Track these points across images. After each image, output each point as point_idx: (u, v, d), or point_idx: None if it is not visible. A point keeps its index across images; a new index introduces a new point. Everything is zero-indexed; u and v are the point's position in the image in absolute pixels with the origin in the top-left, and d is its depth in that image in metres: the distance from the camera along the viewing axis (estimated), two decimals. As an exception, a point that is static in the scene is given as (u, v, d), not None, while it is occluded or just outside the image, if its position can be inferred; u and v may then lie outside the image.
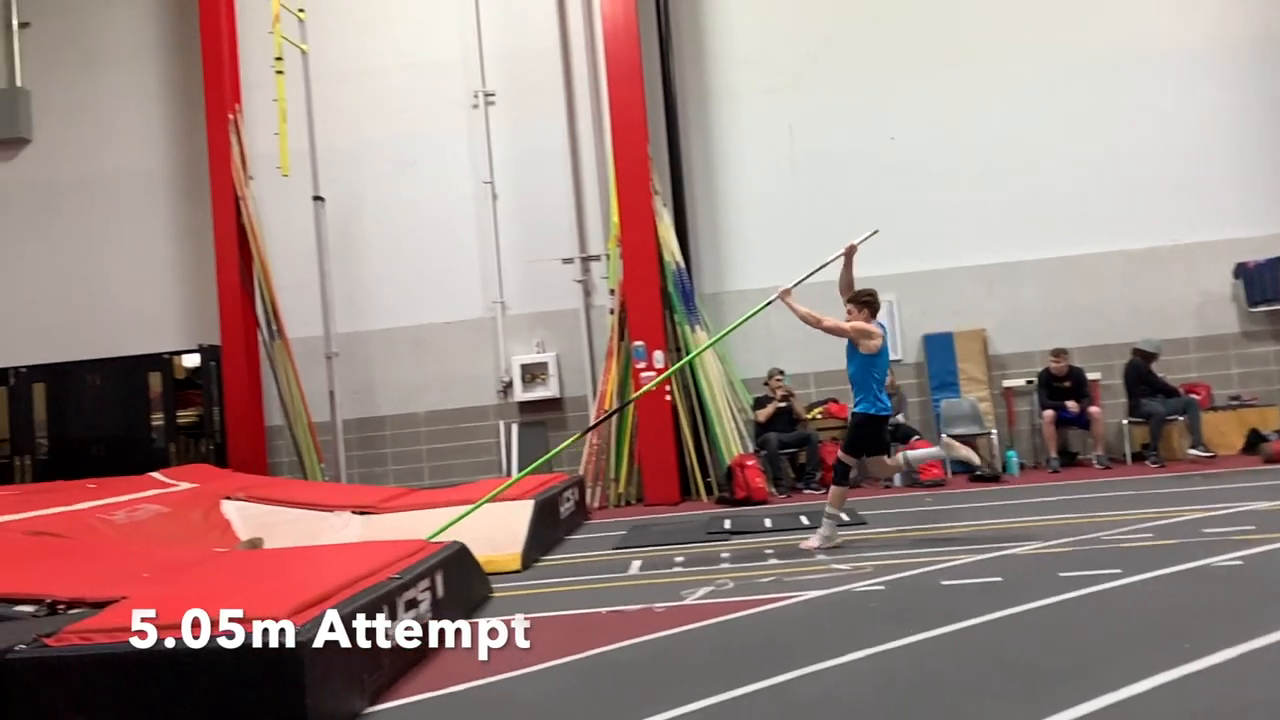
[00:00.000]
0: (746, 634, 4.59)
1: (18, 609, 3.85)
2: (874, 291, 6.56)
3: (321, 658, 3.53)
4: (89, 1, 11.48)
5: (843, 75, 10.54)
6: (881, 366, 6.35)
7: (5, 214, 11.45)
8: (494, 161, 10.90)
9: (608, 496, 9.81)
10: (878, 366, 6.32)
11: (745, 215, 10.61)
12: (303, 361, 10.47)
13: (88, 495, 6.69)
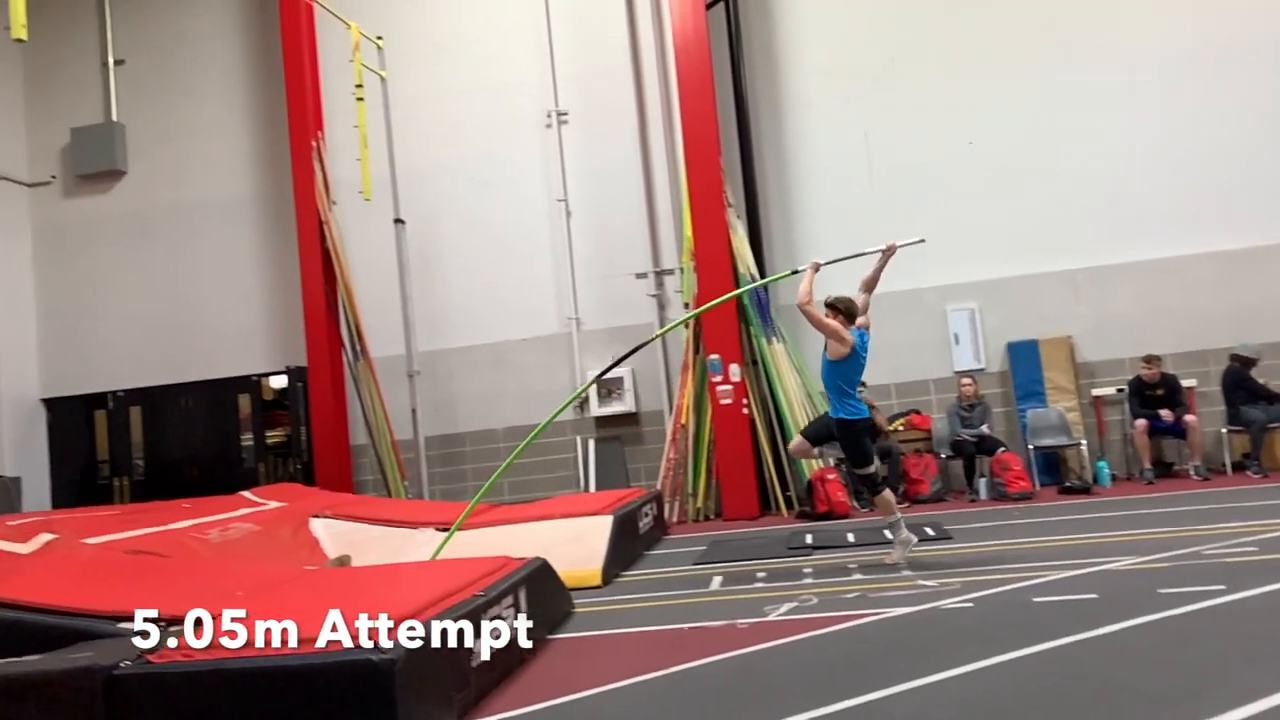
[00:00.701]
0: (832, 651, 4.52)
1: (121, 626, 3.98)
2: (852, 300, 6.47)
3: (412, 674, 3.58)
4: (178, 38, 11.93)
5: (919, 81, 10.39)
6: (847, 373, 6.30)
7: (104, 244, 11.94)
8: (567, 179, 11.00)
9: (686, 511, 9.78)
10: (842, 373, 6.28)
11: (821, 225, 10.51)
12: (385, 380, 10.68)
13: (183, 515, 6.91)
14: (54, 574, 4.78)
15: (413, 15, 11.31)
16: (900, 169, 10.36)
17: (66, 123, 12.00)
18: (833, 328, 6.18)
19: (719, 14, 10.53)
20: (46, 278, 12.03)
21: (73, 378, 11.78)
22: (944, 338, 10.21)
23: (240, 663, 3.52)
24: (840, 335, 6.18)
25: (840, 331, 6.19)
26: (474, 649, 4.26)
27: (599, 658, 4.90)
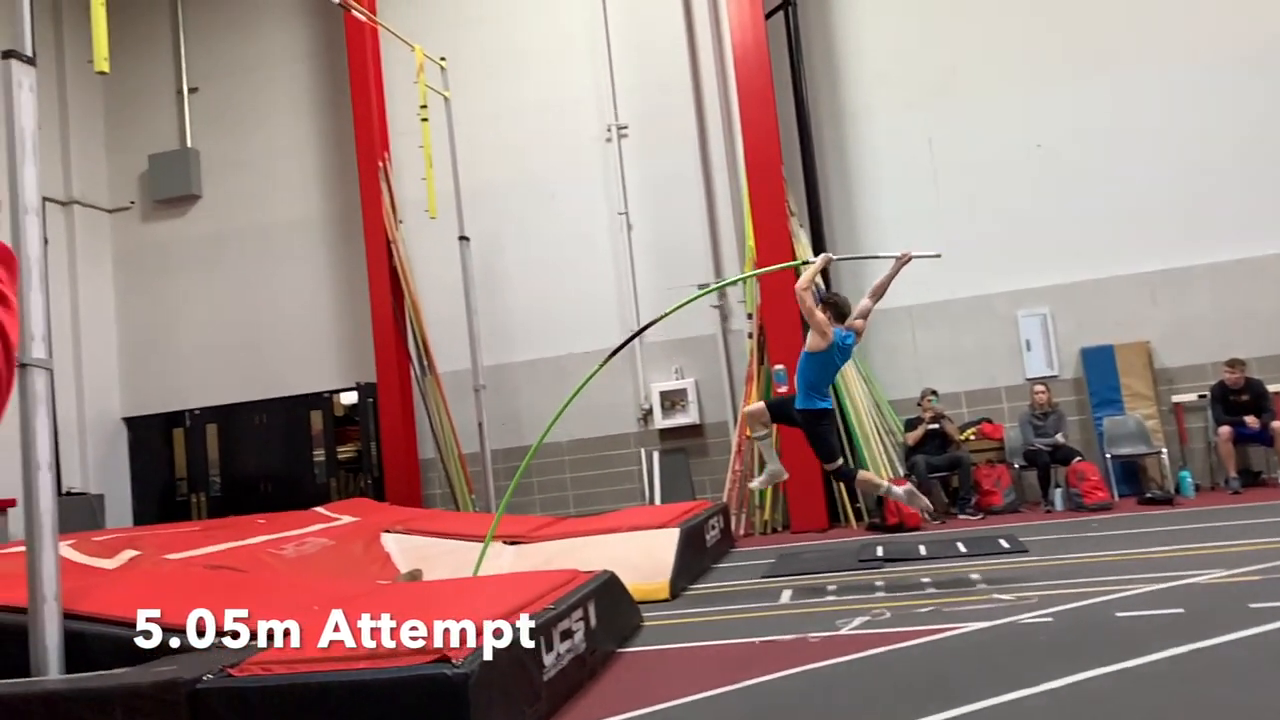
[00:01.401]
0: (907, 667, 4.43)
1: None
2: (846, 301, 6.51)
3: (485, 687, 3.61)
4: (249, 65, 12.26)
5: (983, 86, 10.23)
6: (818, 369, 6.32)
7: (180, 267, 12.30)
8: (628, 192, 11.04)
9: (752, 524, 9.70)
10: (814, 367, 6.30)
11: (885, 233, 10.38)
12: (452, 395, 10.81)
13: (259, 530, 7.06)
14: (138, 589, 4.90)
15: (475, 35, 11.47)
16: (966, 174, 10.19)
17: (144, 150, 12.39)
18: (820, 320, 6.19)
19: (778, 23, 10.49)
20: (126, 300, 12.43)
21: (152, 397, 12.13)
22: (1015, 344, 10.00)
23: (318, 676, 3.58)
24: (823, 330, 6.19)
25: (824, 323, 6.19)
26: (545, 663, 4.28)
27: (670, 672, 4.87)
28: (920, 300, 10.20)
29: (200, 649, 4.06)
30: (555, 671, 4.35)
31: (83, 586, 4.67)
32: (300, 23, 12.16)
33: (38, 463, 4.18)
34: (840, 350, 6.33)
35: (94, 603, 4.46)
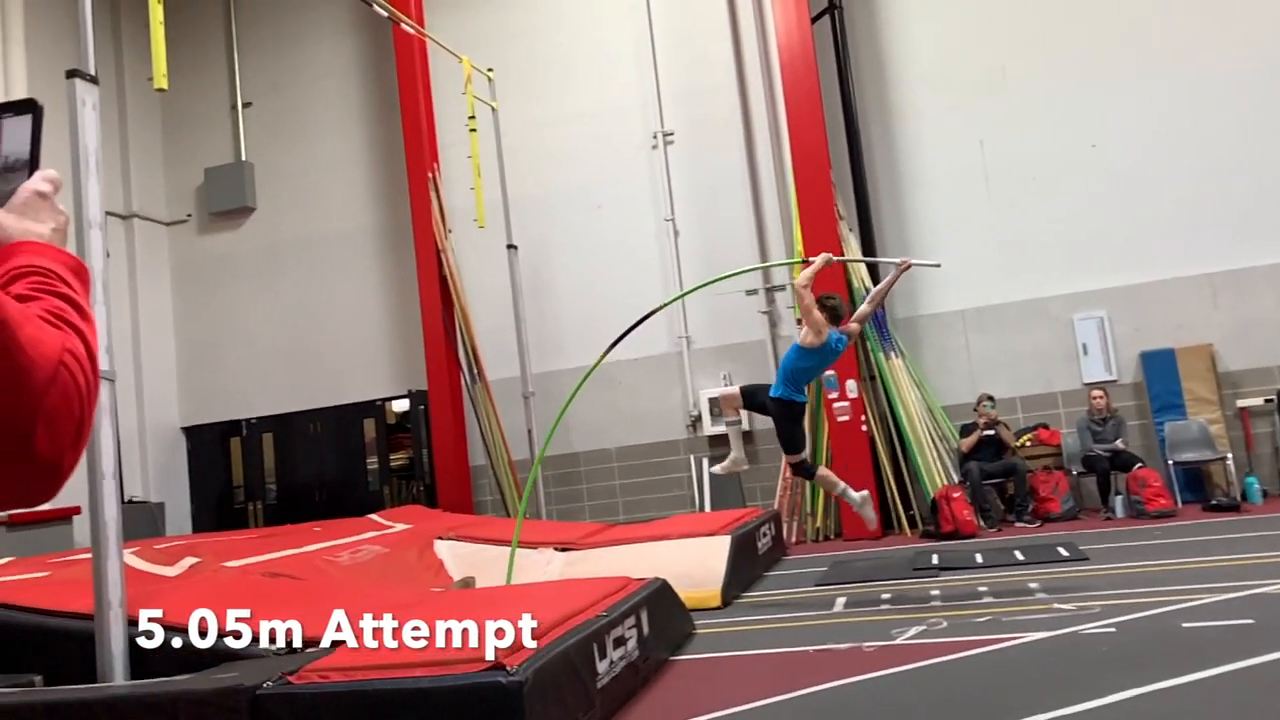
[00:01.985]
0: (966, 678, 4.36)
1: (262, 647, 4.13)
2: (841, 303, 6.60)
3: (539, 695, 3.62)
4: (301, 79, 12.47)
5: (1035, 85, 10.06)
6: (804, 365, 6.40)
7: (236, 278, 12.52)
8: (674, 198, 11.03)
9: (804, 531, 9.62)
10: (802, 363, 6.38)
11: (937, 235, 10.26)
12: (501, 402, 10.87)
13: (314, 538, 7.15)
14: (198, 596, 4.99)
15: (521, 46, 11.54)
16: (1018, 176, 10.03)
17: (200, 163, 12.65)
18: (817, 318, 6.24)
19: (824, 26, 10.42)
20: (184, 311, 12.68)
21: (209, 406, 12.35)
22: (1071, 348, 9.81)
23: (374, 683, 3.62)
24: (819, 329, 6.24)
25: (820, 324, 6.24)
26: (598, 670, 4.28)
27: (723, 680, 4.85)
28: (973, 304, 10.06)
29: (259, 655, 4.13)
30: (609, 679, 4.35)
31: (145, 593, 4.76)
32: (350, 37, 12.34)
33: (103, 472, 4.28)
34: (831, 352, 6.41)
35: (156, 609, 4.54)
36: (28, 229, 1.01)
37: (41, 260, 0.99)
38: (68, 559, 6.00)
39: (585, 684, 4.13)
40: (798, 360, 6.39)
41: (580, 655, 4.13)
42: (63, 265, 1.00)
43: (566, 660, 3.99)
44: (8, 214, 1.02)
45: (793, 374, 6.41)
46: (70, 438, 0.86)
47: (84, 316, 0.94)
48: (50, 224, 1.04)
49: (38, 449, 0.83)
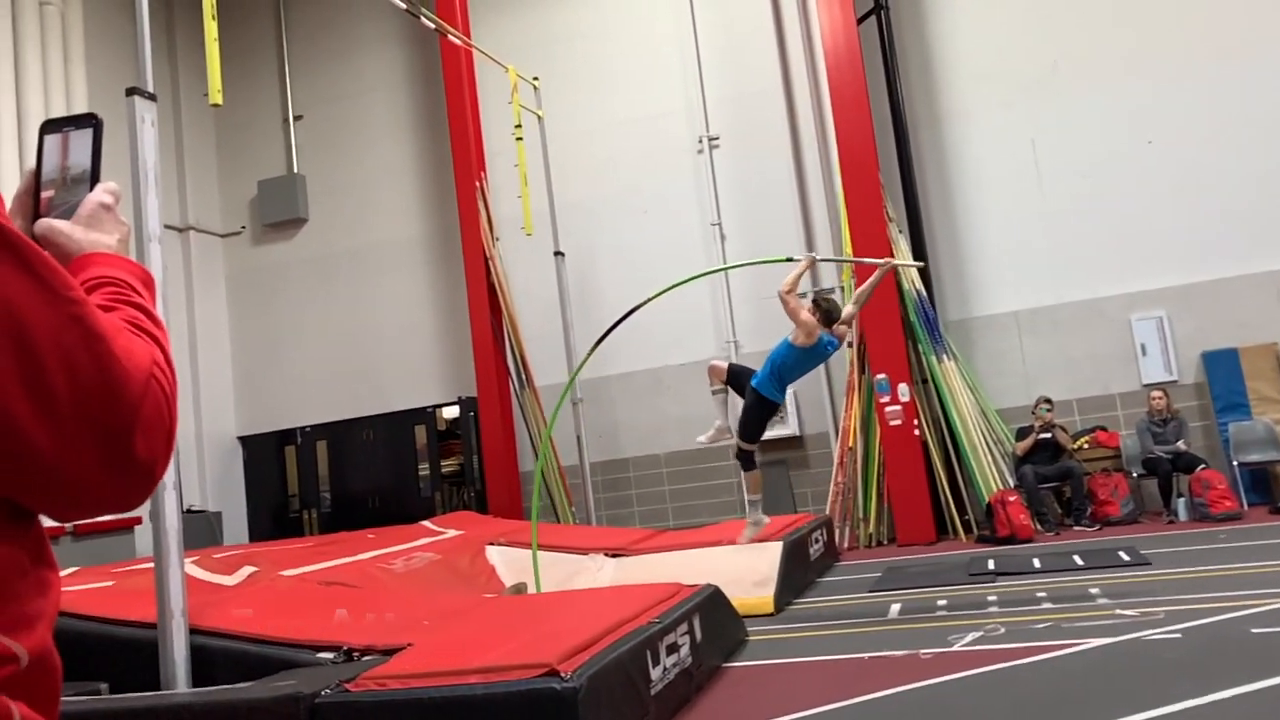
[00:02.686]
0: (1026, 685, 4.28)
1: (320, 655, 4.18)
2: (836, 304, 6.58)
3: (593, 701, 3.62)
4: (351, 92, 12.65)
5: (1087, 81, 9.88)
6: (792, 362, 6.41)
7: (289, 288, 12.73)
8: (720, 203, 11.00)
9: (857, 537, 9.52)
10: (791, 361, 6.40)
11: (989, 236, 10.12)
12: (550, 407, 10.90)
13: (369, 545, 7.22)
14: (257, 605, 5.07)
15: (566, 54, 11.60)
16: (1072, 174, 9.85)
17: (253, 176, 12.88)
18: (805, 320, 6.26)
19: (870, 27, 10.33)
20: (239, 322, 12.92)
21: (265, 415, 12.56)
22: (1129, 349, 9.60)
23: (430, 691, 3.64)
24: (811, 329, 6.25)
25: (811, 326, 6.25)
26: (652, 676, 4.27)
27: (777, 687, 4.81)
28: (1027, 305, 9.90)
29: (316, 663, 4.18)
30: (662, 685, 4.34)
31: (206, 603, 4.85)
32: (398, 50, 12.50)
33: (164, 482, 4.36)
34: (821, 353, 6.43)
35: (216, 618, 4.62)
36: (96, 240, 1.04)
37: (114, 271, 1.01)
38: (131, 568, 6.13)
39: (639, 690, 4.12)
40: (786, 356, 6.41)
41: (634, 662, 4.12)
42: (133, 275, 1.03)
43: (620, 667, 3.98)
44: (75, 226, 1.04)
45: (779, 369, 6.43)
46: (163, 444, 0.89)
47: (158, 325, 0.97)
48: (116, 235, 1.07)
49: (137, 455, 0.87)
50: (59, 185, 1.08)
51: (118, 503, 0.90)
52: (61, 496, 0.87)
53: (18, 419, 0.81)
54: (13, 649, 0.88)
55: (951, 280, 10.21)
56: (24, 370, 0.81)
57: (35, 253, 0.86)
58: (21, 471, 0.83)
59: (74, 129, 1.09)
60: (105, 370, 0.85)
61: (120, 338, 0.88)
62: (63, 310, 0.84)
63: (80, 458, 0.84)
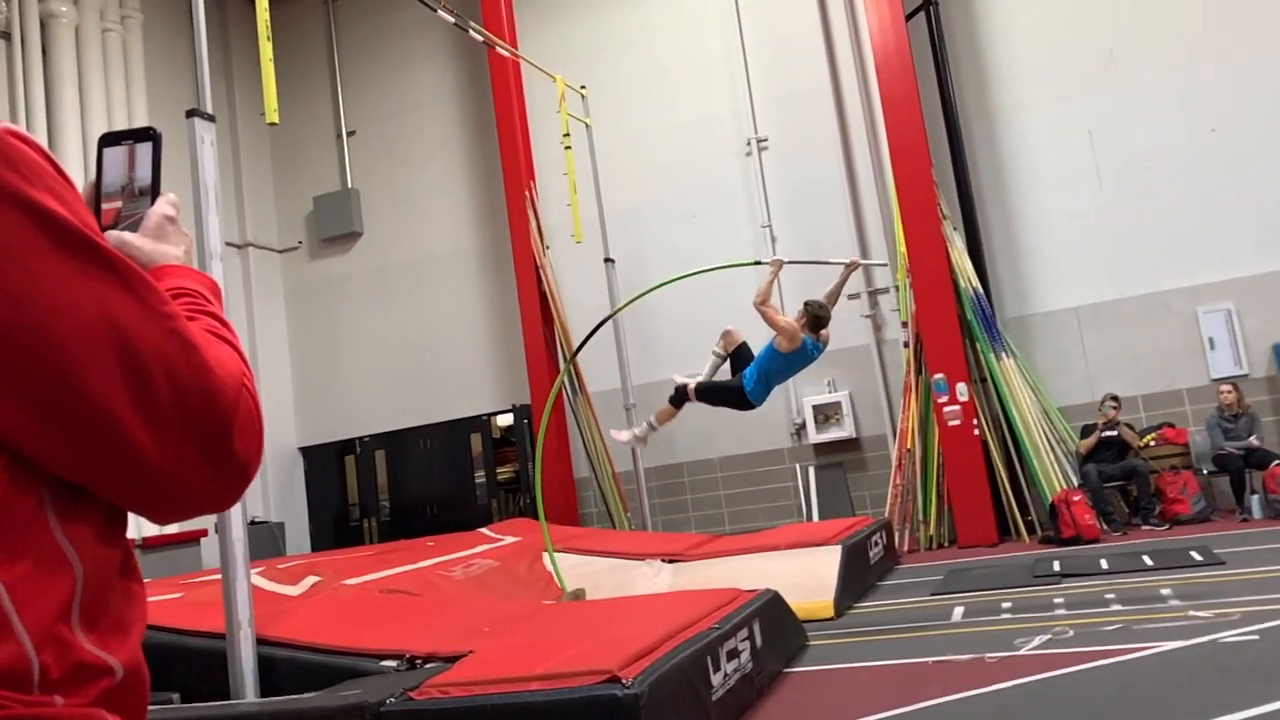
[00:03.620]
0: (1097, 689, 4.18)
1: (383, 663, 4.22)
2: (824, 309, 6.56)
3: (655, 708, 3.61)
4: (403, 108, 12.82)
5: (1145, 70, 9.65)
6: (778, 366, 6.50)
7: (346, 301, 12.94)
8: (770, 205, 10.95)
9: (916, 539, 9.39)
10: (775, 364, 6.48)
11: (1046, 232, 9.93)
12: (603, 414, 10.93)
13: (428, 553, 7.29)
14: (321, 614, 5.14)
15: (612, 62, 11.64)
16: (1132, 165, 9.63)
17: (309, 192, 13.12)
18: (785, 326, 6.35)
19: (919, 23, 10.21)
20: (298, 335, 13.15)
21: (324, 426, 12.77)
22: (1195, 343, 9.35)
23: (493, 698, 3.66)
24: (792, 335, 6.32)
25: (792, 331, 6.32)
26: (713, 682, 4.25)
27: (839, 692, 4.76)
28: (1087, 300, 9.70)
29: (380, 671, 4.22)
30: (723, 691, 4.31)
31: (272, 613, 4.93)
32: (447, 63, 12.64)
33: (229, 493, 4.43)
34: (806, 357, 6.50)
35: (282, 628, 4.70)
36: (164, 252, 1.06)
37: (188, 282, 1.04)
38: (199, 580, 6.26)
39: (700, 696, 4.10)
40: (771, 361, 6.49)
41: (694, 668, 4.11)
42: (204, 286, 1.06)
43: (681, 673, 3.97)
44: (144, 238, 1.07)
45: (765, 373, 6.50)
46: (256, 444, 0.94)
47: (232, 333, 1.01)
48: (182, 246, 1.10)
49: (236, 455, 0.92)
50: (125, 198, 1.10)
51: (216, 502, 0.94)
52: (164, 498, 0.92)
53: (127, 428, 0.85)
54: (109, 662, 0.90)
55: (1009, 277, 10.04)
56: (130, 383, 0.85)
57: (133, 270, 0.90)
58: (128, 476, 0.88)
59: (134, 142, 1.11)
60: (203, 379, 0.89)
61: (211, 348, 0.92)
62: (162, 325, 0.88)
63: (183, 462, 0.89)
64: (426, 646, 4.33)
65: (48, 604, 0.87)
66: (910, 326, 9.73)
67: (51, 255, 0.84)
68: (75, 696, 0.87)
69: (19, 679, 0.84)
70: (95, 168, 1.09)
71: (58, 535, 0.88)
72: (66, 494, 0.89)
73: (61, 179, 0.90)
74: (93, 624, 0.90)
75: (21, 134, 0.89)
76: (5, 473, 0.86)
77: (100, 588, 0.92)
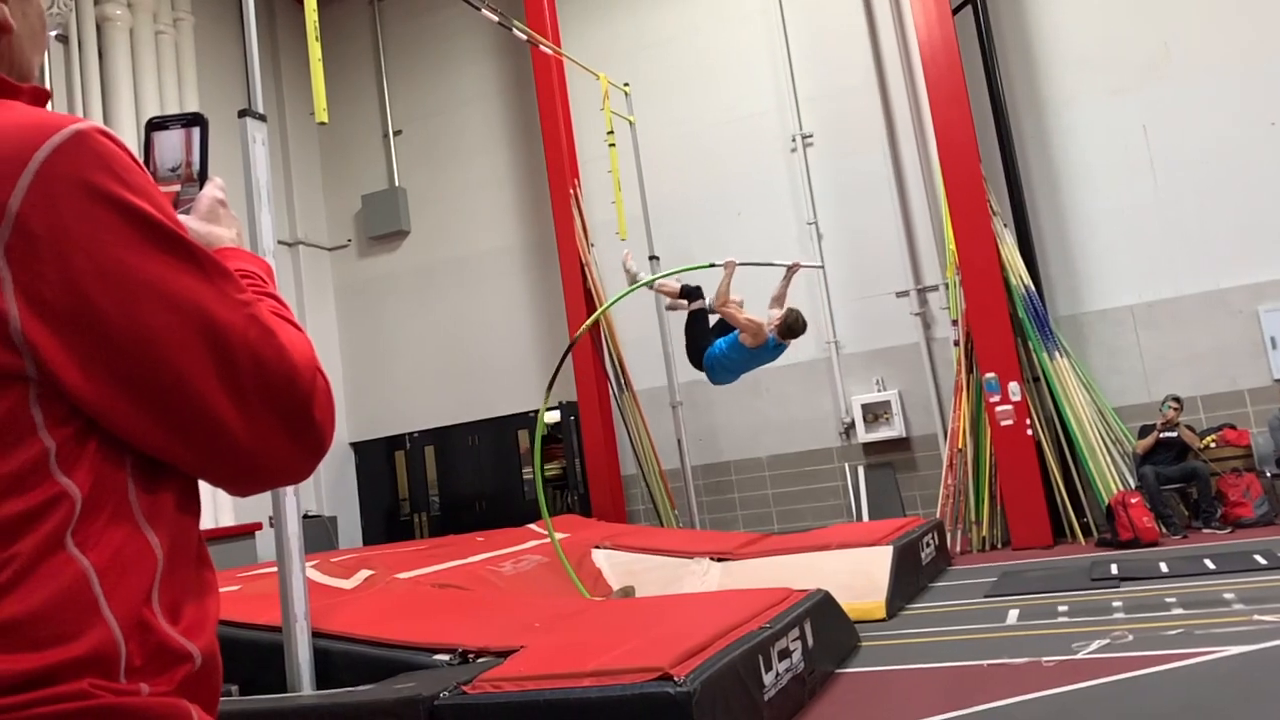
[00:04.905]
0: (1159, 695, 4.09)
1: (436, 657, 4.25)
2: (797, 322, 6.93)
3: (707, 706, 3.59)
4: (448, 107, 12.90)
5: (1202, 63, 9.42)
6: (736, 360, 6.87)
7: (394, 298, 13.05)
8: (815, 201, 10.86)
9: (969, 540, 9.25)
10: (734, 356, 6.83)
11: (1099, 228, 9.73)
12: (649, 411, 10.93)
13: (478, 548, 7.34)
14: (374, 608, 5.19)
15: (656, 59, 11.61)
16: (1188, 161, 9.41)
17: (357, 191, 13.25)
18: (747, 324, 6.69)
19: (966, 17, 10.06)
20: (348, 332, 13.30)
21: (375, 422, 12.89)
22: (1257, 342, 9.11)
23: (545, 694, 3.66)
24: (755, 332, 6.68)
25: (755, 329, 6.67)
26: (764, 682, 4.22)
27: (892, 694, 4.71)
28: (1143, 299, 9.50)
29: (433, 665, 4.25)
30: (775, 691, 4.29)
31: (326, 606, 4.98)
32: (491, 62, 12.70)
33: (284, 489, 4.49)
34: (766, 354, 6.86)
35: (337, 621, 4.74)
36: (219, 235, 1.09)
37: (248, 265, 1.06)
38: (255, 573, 6.34)
39: (752, 695, 4.08)
40: (730, 352, 6.83)
41: (746, 667, 4.08)
42: (261, 268, 1.09)
43: (733, 671, 3.95)
44: (199, 221, 1.09)
45: (724, 360, 6.83)
46: (331, 421, 1.00)
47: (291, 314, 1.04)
48: (234, 229, 1.13)
49: (317, 429, 0.97)
50: (179, 182, 1.11)
51: (296, 474, 1.01)
52: (248, 473, 0.97)
53: (218, 410, 0.91)
54: (189, 648, 0.91)
55: (1061, 274, 9.86)
56: (220, 368, 0.90)
57: (212, 260, 0.93)
58: (218, 454, 0.93)
59: (181, 126, 1.13)
60: (283, 361, 0.94)
61: (283, 331, 0.96)
62: (242, 312, 0.93)
63: (269, 439, 0.94)
64: (478, 641, 4.34)
65: (133, 589, 0.89)
66: (960, 324, 9.59)
67: (145, 250, 0.88)
68: (158, 683, 0.88)
69: (108, 665, 0.85)
70: (143, 152, 1.10)
71: (140, 521, 0.91)
72: (146, 482, 0.92)
73: (144, 174, 0.93)
74: (173, 610, 0.92)
75: (109, 132, 0.92)
76: (96, 460, 0.89)
77: (178, 574, 0.94)
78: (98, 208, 0.86)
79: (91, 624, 0.84)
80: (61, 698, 0.81)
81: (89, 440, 0.88)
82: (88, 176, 0.87)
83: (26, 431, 0.85)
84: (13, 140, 0.86)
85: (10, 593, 0.82)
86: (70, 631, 0.83)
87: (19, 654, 0.81)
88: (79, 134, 0.88)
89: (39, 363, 0.85)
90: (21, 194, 0.85)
